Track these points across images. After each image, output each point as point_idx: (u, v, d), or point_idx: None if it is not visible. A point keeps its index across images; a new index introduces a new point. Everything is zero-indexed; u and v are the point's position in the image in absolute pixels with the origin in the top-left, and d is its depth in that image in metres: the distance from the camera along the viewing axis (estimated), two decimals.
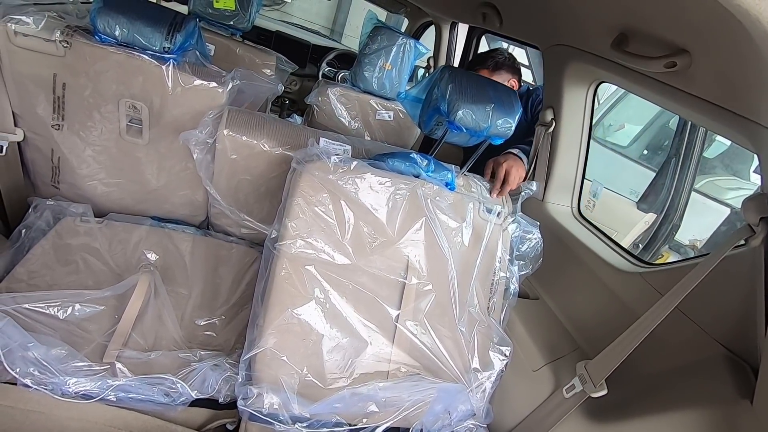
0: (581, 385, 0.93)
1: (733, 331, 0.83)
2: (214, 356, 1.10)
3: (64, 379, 0.92)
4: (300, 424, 1.00)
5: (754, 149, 0.75)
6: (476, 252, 1.19)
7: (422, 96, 1.24)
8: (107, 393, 0.95)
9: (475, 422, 1.11)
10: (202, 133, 1.26)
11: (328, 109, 1.93)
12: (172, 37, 1.23)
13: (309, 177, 1.09)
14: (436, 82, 1.15)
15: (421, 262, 1.17)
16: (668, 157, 2.37)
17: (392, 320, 1.13)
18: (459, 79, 1.11)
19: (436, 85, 1.15)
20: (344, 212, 1.12)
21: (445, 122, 1.12)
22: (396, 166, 1.17)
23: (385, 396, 1.04)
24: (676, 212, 2.29)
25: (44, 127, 1.29)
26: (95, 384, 0.94)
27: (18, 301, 1.03)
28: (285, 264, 1.07)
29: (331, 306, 1.10)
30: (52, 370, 0.92)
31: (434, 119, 1.19)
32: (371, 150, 1.32)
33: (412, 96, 1.26)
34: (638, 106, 3.75)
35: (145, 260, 1.30)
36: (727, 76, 0.75)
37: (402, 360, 1.13)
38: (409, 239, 1.16)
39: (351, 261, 1.12)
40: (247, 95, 1.41)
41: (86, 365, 0.96)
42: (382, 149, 1.35)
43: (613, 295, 1.11)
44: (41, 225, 1.29)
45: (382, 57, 1.89)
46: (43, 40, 1.16)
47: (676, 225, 2.30)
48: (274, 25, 3.36)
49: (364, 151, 1.31)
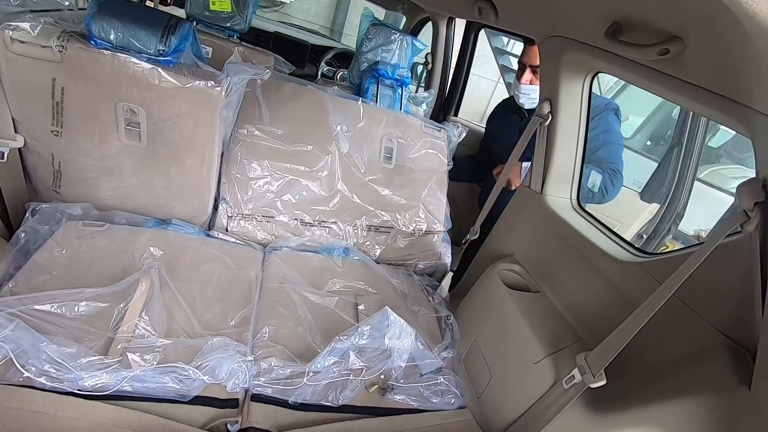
0: (580, 376, 0.92)
1: (734, 319, 0.82)
2: (223, 343, 1.14)
3: (79, 375, 0.94)
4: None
5: (747, 134, 0.74)
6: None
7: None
8: (122, 384, 0.97)
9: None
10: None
11: None
12: (166, 39, 1.24)
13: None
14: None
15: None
16: (670, 146, 2.36)
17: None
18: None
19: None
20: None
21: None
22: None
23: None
24: (680, 202, 2.27)
25: (44, 132, 1.31)
26: (110, 377, 0.97)
27: (25, 303, 1.05)
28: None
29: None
30: (67, 366, 0.94)
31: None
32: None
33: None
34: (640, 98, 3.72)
35: (149, 256, 1.32)
36: (720, 61, 0.74)
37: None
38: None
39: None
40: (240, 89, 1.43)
41: (98, 359, 0.99)
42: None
43: (613, 286, 1.10)
44: (42, 229, 1.30)
45: (379, 54, 1.89)
46: (40, 46, 1.17)
47: (680, 214, 2.29)
48: (272, 26, 3.37)
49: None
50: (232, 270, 1.43)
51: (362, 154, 1.70)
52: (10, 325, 0.96)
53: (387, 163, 1.74)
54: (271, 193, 1.62)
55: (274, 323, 1.28)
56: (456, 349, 1.41)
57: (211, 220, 1.61)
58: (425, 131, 1.78)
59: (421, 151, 1.78)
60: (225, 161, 1.57)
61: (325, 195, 1.68)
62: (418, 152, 1.77)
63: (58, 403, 0.91)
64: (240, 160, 1.57)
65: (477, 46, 2.42)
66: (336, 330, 1.25)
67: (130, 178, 1.43)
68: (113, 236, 1.37)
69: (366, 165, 1.71)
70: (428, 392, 1.25)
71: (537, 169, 1.44)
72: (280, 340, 1.23)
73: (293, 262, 1.55)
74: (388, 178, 1.75)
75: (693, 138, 2.27)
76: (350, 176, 1.69)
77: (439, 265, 1.84)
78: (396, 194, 1.75)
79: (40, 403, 0.90)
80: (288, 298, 1.39)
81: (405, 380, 1.25)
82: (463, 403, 1.27)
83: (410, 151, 1.76)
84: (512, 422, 1.10)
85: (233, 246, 1.55)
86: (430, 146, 1.78)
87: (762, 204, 0.67)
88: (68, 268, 1.22)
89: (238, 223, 1.61)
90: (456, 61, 2.47)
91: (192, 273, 1.35)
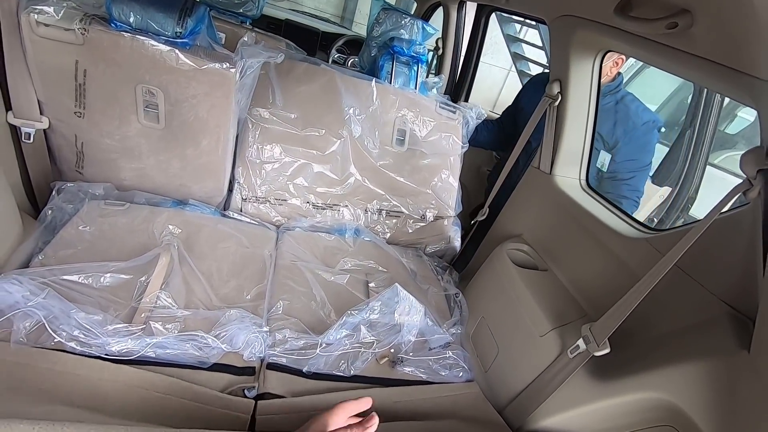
0: (585, 346, 0.95)
1: (737, 288, 0.84)
2: (240, 314, 1.19)
3: (106, 340, 1.00)
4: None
5: (753, 104, 0.75)
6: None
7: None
8: (146, 350, 1.03)
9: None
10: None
11: None
12: (183, 21, 1.27)
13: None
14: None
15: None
16: (682, 129, 2.34)
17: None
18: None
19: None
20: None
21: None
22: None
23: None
24: (692, 185, 2.26)
25: (68, 114, 1.36)
26: (135, 343, 1.03)
27: (55, 274, 1.11)
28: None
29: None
30: (95, 333, 1.00)
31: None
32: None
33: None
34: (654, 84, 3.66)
35: (168, 234, 1.37)
36: (727, 33, 0.75)
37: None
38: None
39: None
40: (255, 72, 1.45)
41: (123, 327, 1.05)
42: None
43: (620, 262, 1.12)
44: (67, 207, 1.36)
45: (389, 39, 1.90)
46: (63, 29, 1.22)
47: (692, 197, 2.28)
48: (283, 14, 3.39)
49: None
50: (247, 248, 1.47)
51: (374, 137, 1.71)
52: (42, 293, 1.02)
53: (400, 146, 1.75)
54: (284, 177, 1.66)
55: (287, 298, 1.32)
56: (465, 326, 1.44)
57: (226, 201, 1.66)
58: (440, 112, 1.76)
59: (435, 135, 1.76)
60: (239, 144, 1.61)
61: (336, 179, 1.71)
62: (432, 135, 1.76)
63: (87, 366, 0.97)
64: (254, 143, 1.61)
65: (488, 34, 2.41)
66: (347, 306, 1.29)
67: (148, 158, 1.48)
68: (134, 215, 1.42)
69: (378, 148, 1.72)
70: (437, 365, 1.28)
71: (546, 150, 1.45)
72: (294, 314, 1.28)
73: (306, 242, 1.59)
74: (400, 162, 1.76)
75: (706, 121, 2.25)
76: (362, 160, 1.71)
77: (449, 248, 1.87)
78: (408, 180, 1.77)
79: (71, 365, 0.96)
80: (301, 275, 1.43)
81: (414, 354, 1.29)
82: (471, 376, 1.31)
83: (423, 134, 1.75)
84: (519, 393, 1.13)
85: (248, 226, 1.59)
86: (445, 129, 1.76)
87: (764, 171, 0.68)
88: (92, 243, 1.28)
89: (252, 204, 1.66)
90: (467, 46, 2.47)
91: (209, 250, 1.40)
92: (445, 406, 1.18)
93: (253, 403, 1.03)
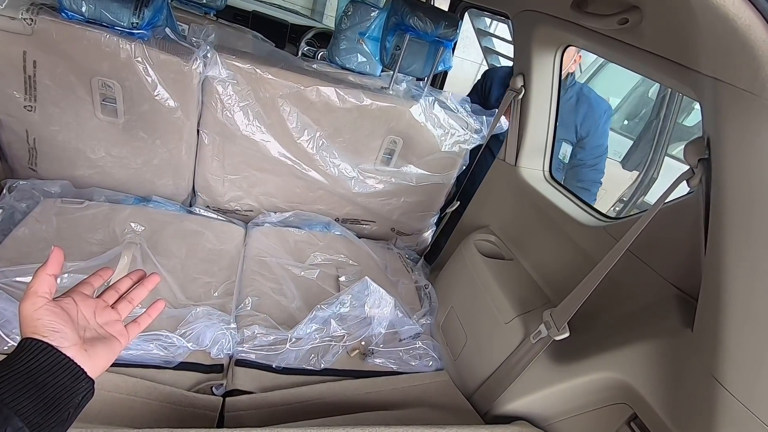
0: (546, 331, 0.98)
1: (684, 270, 0.89)
2: (208, 312, 1.17)
3: None
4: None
5: (696, 97, 0.79)
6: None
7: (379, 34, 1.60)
8: None
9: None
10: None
11: None
12: (140, 12, 1.23)
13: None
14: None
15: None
16: (649, 120, 2.56)
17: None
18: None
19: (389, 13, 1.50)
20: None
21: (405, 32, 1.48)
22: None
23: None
24: (656, 169, 2.55)
25: (17, 108, 1.29)
26: None
27: (7, 276, 1.06)
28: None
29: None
30: None
31: (394, 35, 1.53)
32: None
33: (374, 36, 1.60)
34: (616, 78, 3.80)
35: (130, 232, 1.33)
36: (672, 29, 0.79)
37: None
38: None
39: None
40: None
41: None
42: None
43: (580, 249, 1.16)
44: (19, 206, 1.30)
45: (358, 32, 1.88)
46: (9, 18, 1.15)
47: (653, 178, 2.55)
48: (251, 5, 3.31)
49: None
50: (215, 244, 1.45)
51: (355, 157, 1.56)
52: None
53: (384, 165, 1.62)
54: (249, 186, 1.59)
55: (256, 294, 1.31)
56: (434, 317, 1.47)
57: (191, 197, 1.62)
58: (437, 130, 1.56)
59: (427, 157, 1.61)
60: (200, 147, 1.49)
61: (309, 194, 1.64)
62: (424, 156, 1.61)
63: None
64: (216, 146, 1.48)
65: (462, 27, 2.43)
66: (317, 300, 1.29)
67: (108, 154, 1.43)
68: (93, 213, 1.37)
69: (358, 169, 1.59)
70: (407, 356, 1.30)
71: (511, 142, 1.49)
72: (263, 310, 1.27)
73: (275, 237, 1.57)
74: (383, 185, 1.64)
75: (670, 113, 2.47)
76: (335, 182, 1.58)
77: (420, 240, 1.89)
78: (388, 203, 1.68)
79: None
80: (270, 270, 1.42)
81: (385, 345, 1.30)
82: (440, 365, 1.33)
83: (415, 154, 1.61)
84: (486, 379, 1.17)
85: (215, 222, 1.56)
86: (439, 148, 1.59)
87: (704, 161, 0.73)
88: (48, 243, 1.23)
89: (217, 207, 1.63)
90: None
91: (174, 247, 1.37)
92: (416, 395, 1.21)
93: (221, 401, 1.02)
